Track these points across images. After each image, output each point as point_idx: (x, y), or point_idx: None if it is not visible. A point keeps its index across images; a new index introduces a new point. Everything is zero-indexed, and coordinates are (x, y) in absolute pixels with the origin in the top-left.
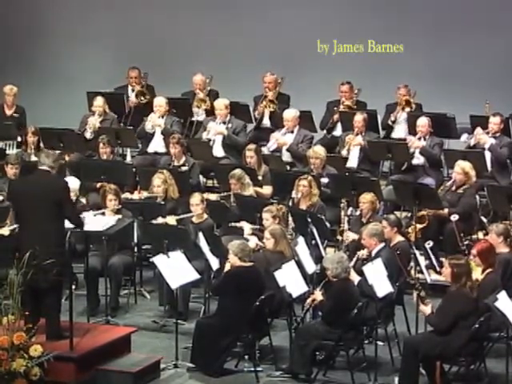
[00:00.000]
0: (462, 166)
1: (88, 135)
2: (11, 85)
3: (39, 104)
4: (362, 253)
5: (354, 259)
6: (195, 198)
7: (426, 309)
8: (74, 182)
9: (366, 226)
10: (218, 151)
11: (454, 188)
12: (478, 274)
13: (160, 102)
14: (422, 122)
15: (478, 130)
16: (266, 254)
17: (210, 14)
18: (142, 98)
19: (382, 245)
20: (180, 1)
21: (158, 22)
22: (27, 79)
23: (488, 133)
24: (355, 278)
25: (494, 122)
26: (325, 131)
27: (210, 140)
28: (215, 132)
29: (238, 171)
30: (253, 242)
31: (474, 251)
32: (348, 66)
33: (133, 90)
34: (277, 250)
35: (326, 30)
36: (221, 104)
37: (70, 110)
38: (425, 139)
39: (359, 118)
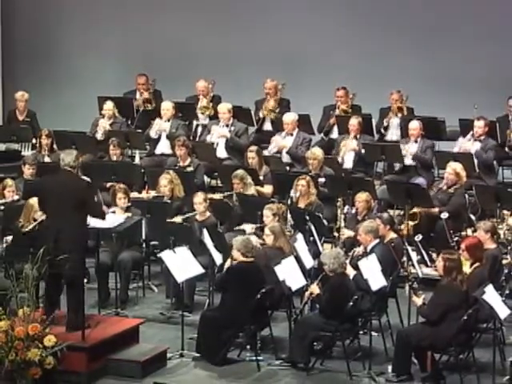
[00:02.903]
0: (454, 166)
1: (99, 136)
2: (23, 91)
3: (53, 108)
4: (358, 250)
5: (350, 256)
6: (198, 197)
7: (418, 300)
8: None
9: (362, 223)
10: (222, 153)
11: (445, 187)
12: (466, 268)
13: (167, 106)
14: (414, 126)
15: (461, 140)
16: (266, 249)
17: (212, 18)
18: (149, 106)
19: (377, 241)
20: (184, 7)
21: (164, 29)
22: (41, 85)
23: (473, 135)
24: (351, 272)
25: (479, 126)
26: (322, 134)
27: (213, 143)
28: (218, 135)
29: (240, 171)
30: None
31: (462, 246)
32: (345, 69)
33: (141, 96)
34: (276, 246)
35: (324, 34)
36: (224, 108)
37: (81, 114)
38: (416, 142)
39: (354, 122)
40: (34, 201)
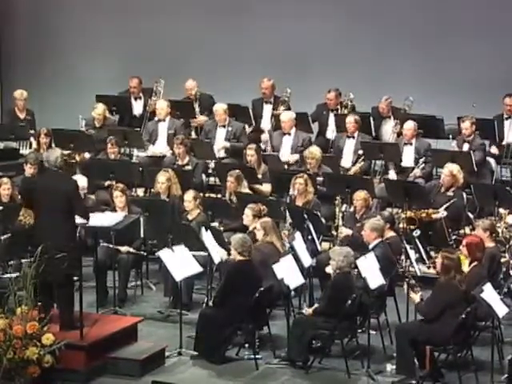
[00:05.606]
0: (451, 168)
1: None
2: (22, 90)
3: (51, 107)
4: None
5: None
6: (188, 195)
7: (416, 297)
8: (82, 181)
9: (369, 219)
10: (220, 152)
11: (442, 190)
12: (465, 266)
13: (161, 105)
14: (408, 126)
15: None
16: (259, 245)
17: (212, 18)
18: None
19: (379, 240)
20: (183, 7)
21: (164, 29)
22: (39, 84)
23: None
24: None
25: (465, 127)
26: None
27: (210, 138)
28: (219, 148)
29: (238, 171)
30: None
31: (463, 242)
32: (344, 69)
33: (135, 99)
34: (266, 241)
35: (324, 35)
36: (219, 110)
37: (80, 113)
38: (411, 144)
39: (351, 119)
40: None
